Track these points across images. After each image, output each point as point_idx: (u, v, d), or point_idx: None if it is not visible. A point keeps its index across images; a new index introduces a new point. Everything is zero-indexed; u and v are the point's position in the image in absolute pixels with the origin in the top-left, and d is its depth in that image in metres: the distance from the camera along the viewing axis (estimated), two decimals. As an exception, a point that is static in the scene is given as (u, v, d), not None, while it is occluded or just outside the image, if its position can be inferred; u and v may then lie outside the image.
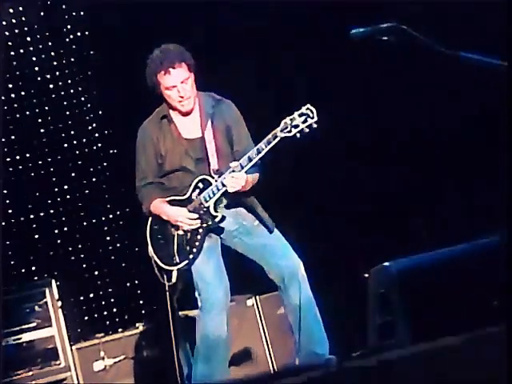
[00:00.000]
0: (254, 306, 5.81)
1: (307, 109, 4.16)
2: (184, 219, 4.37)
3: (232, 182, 4.26)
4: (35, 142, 6.43)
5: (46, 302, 5.63)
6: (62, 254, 6.34)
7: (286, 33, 6.23)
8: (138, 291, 6.47)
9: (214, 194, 4.34)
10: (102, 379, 5.58)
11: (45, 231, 6.33)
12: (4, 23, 6.36)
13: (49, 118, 6.49)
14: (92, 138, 6.58)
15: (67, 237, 6.38)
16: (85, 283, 6.36)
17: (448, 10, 5.55)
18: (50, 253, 6.30)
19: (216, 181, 4.33)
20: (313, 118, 4.15)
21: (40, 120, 6.47)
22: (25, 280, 6.04)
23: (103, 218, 6.52)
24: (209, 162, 4.39)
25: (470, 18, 5.52)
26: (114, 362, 5.62)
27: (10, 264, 6.03)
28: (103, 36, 6.47)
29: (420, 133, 6.14)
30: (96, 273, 6.40)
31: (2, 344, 5.35)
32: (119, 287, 6.44)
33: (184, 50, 4.40)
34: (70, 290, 6.16)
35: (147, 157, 4.51)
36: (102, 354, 5.61)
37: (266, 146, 4.20)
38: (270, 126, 4.21)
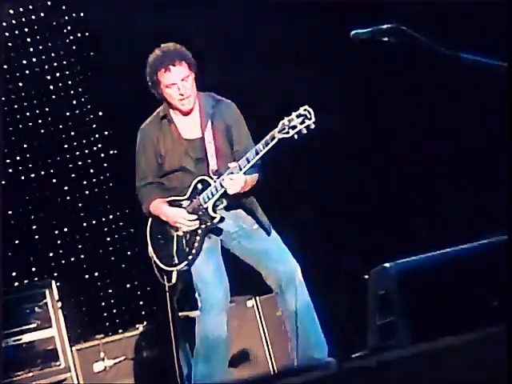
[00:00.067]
0: (253, 307, 5.81)
1: (305, 110, 4.13)
2: (182, 220, 4.36)
3: (231, 184, 4.24)
4: (35, 143, 6.43)
5: (46, 303, 5.62)
6: (62, 254, 6.33)
7: (286, 33, 6.23)
8: (138, 292, 6.47)
9: (213, 195, 4.33)
10: (102, 380, 5.57)
11: (45, 232, 6.33)
12: (4, 24, 6.37)
13: (49, 118, 6.50)
14: (92, 138, 6.59)
15: (67, 237, 6.38)
16: (85, 284, 6.37)
17: (448, 10, 5.55)
18: (50, 253, 6.30)
19: (215, 182, 4.33)
20: (310, 119, 4.12)
21: (40, 121, 6.48)
22: (25, 280, 6.05)
23: (103, 218, 6.52)
24: (208, 162, 4.39)
25: (470, 18, 5.52)
26: (114, 363, 5.62)
27: (10, 264, 6.01)
28: (103, 37, 6.47)
29: (420, 133, 6.14)
30: (96, 274, 6.40)
31: (2, 345, 5.35)
32: (119, 288, 6.44)
33: (184, 49, 4.40)
34: (70, 290, 6.16)
35: (147, 157, 4.50)
36: (102, 354, 5.61)
37: (264, 148, 4.18)
38: (270, 126, 4.20)
